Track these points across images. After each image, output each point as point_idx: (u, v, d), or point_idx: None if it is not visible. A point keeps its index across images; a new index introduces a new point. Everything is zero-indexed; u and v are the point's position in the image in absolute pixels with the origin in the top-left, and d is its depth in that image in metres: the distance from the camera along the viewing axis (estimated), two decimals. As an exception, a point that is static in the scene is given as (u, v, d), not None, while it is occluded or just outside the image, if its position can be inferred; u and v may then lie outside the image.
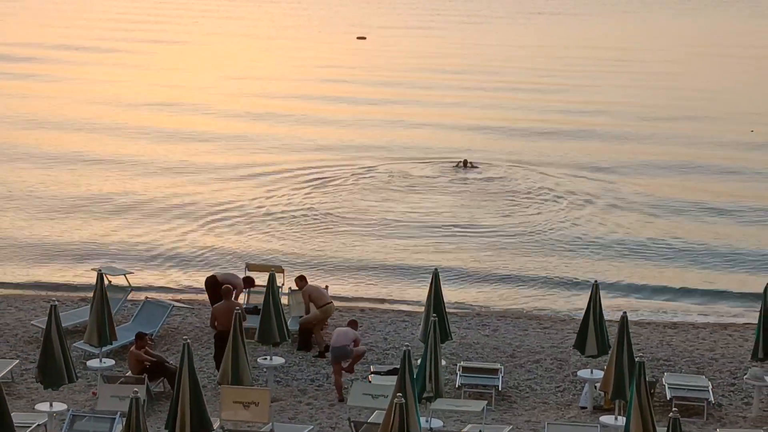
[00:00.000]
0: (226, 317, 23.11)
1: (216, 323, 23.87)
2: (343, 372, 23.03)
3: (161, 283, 31.62)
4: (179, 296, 29.80)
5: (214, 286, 26.85)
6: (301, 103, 59.69)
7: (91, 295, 23.73)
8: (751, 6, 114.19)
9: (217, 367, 23.95)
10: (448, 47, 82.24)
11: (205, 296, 27.74)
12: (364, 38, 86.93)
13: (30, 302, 29.06)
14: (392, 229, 36.91)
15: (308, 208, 39.07)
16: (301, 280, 26.07)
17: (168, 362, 23.15)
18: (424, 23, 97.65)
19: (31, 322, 26.49)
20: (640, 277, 32.53)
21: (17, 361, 24.19)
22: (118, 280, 27.92)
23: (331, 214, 38.47)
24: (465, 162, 45.48)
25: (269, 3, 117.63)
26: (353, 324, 23.80)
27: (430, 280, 23.20)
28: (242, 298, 27.60)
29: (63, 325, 20.87)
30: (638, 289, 31.62)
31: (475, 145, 48.63)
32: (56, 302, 20.95)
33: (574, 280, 31.88)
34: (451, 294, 28.48)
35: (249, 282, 27.03)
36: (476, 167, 44.96)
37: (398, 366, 18.27)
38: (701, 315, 29.78)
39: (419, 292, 28.99)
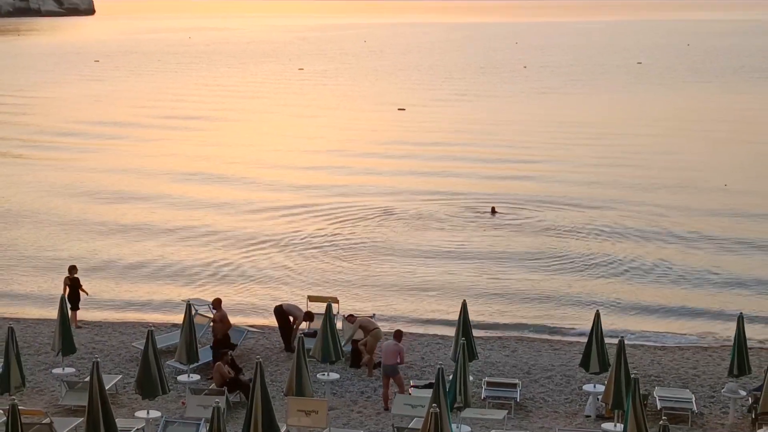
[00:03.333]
0: (223, 324, 24.98)
1: (215, 331, 25.33)
2: (391, 386, 22.97)
3: (238, 311, 31.71)
4: (253, 322, 29.88)
5: (280, 314, 26.99)
6: (350, 158, 59.99)
7: (181, 322, 23.90)
8: (722, 84, 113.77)
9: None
10: (474, 117, 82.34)
11: (274, 322, 27.83)
12: (403, 109, 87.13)
13: (131, 328, 29.29)
14: (427, 266, 36.91)
15: (354, 247, 39.20)
16: (351, 316, 26.07)
17: (244, 376, 23.20)
18: (454, 98, 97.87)
19: (132, 344, 26.69)
20: (636, 308, 32.34)
21: (120, 376, 24.36)
22: (203, 310, 28.06)
23: (375, 252, 38.61)
24: (493, 209, 45.37)
25: (324, 83, 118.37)
26: (398, 335, 23.61)
27: (459, 309, 23.16)
28: (303, 324, 27.69)
29: (158, 346, 21.00)
30: (634, 317, 31.43)
31: (502, 195, 48.55)
32: (153, 328, 21.11)
33: (580, 310, 31.71)
34: (477, 320, 28.40)
35: (309, 317, 27.08)
36: (503, 214, 44.85)
37: (434, 381, 18.22)
38: (686, 338, 29.55)
39: (450, 319, 28.89)
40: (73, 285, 28.75)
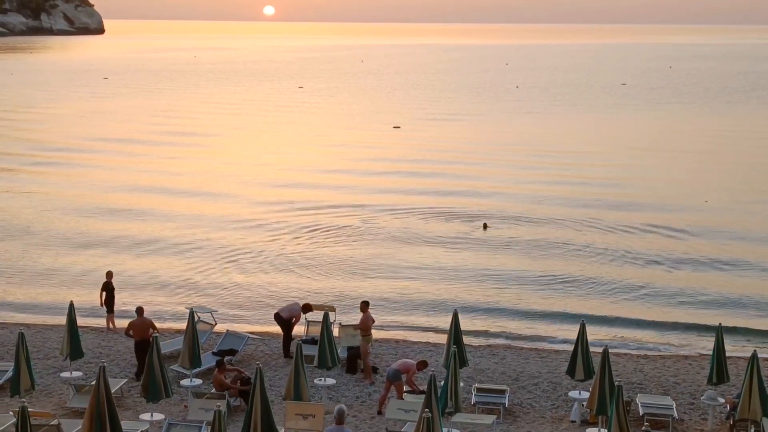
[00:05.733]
0: (140, 329, 24.51)
1: (132, 333, 24.90)
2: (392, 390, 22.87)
3: (239, 318, 31.70)
4: (254, 329, 29.83)
5: (281, 320, 26.90)
6: (347, 174, 59.96)
7: (184, 328, 23.84)
8: (703, 105, 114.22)
9: (138, 373, 24.29)
10: (467, 135, 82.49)
11: (275, 328, 27.79)
12: (398, 127, 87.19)
13: (136, 333, 29.18)
14: (420, 278, 36.87)
15: (349, 259, 39.19)
16: (365, 305, 25.72)
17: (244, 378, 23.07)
18: (447, 117, 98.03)
19: (137, 349, 26.59)
20: (619, 318, 32.32)
21: (126, 379, 24.29)
22: (206, 317, 28.00)
23: (369, 263, 38.61)
24: (485, 225, 45.37)
25: (323, 101, 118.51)
26: (422, 365, 23.29)
27: (451, 318, 23.13)
28: (302, 330, 27.68)
29: (162, 351, 20.94)
30: (618, 327, 31.41)
31: (493, 211, 48.50)
32: (157, 334, 21.03)
33: (566, 320, 31.68)
34: (467, 329, 28.36)
35: (307, 308, 27.18)
36: (495, 229, 44.82)
37: (426, 386, 18.18)
38: (667, 347, 29.54)
39: (442, 327, 28.88)
40: (108, 289, 29.07)
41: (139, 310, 25.35)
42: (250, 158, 68.32)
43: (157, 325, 30.02)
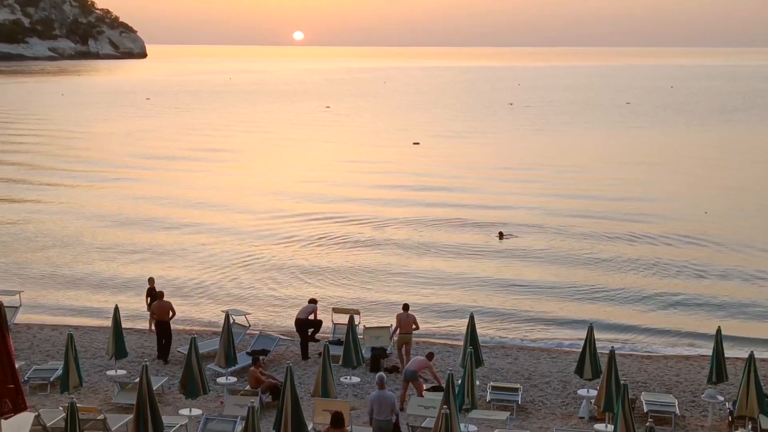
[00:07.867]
0: (160, 311, 26.00)
1: (155, 315, 26.22)
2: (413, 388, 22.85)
3: (271, 321, 31.76)
4: (285, 331, 29.88)
5: (301, 324, 26.89)
6: (370, 187, 59.94)
7: (220, 329, 23.91)
8: (703, 122, 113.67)
9: (158, 350, 25.97)
10: (482, 150, 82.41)
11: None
12: (418, 143, 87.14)
13: (176, 335, 29.16)
14: (439, 284, 36.82)
15: (371, 267, 39.18)
16: (404, 307, 25.81)
17: (276, 380, 23.15)
18: (464, 134, 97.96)
19: (177, 349, 26.71)
20: (624, 321, 32.16)
21: (166, 377, 24.39)
22: (240, 319, 28.08)
23: (390, 271, 38.58)
24: (500, 234, 45.22)
25: (349, 119, 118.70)
26: (430, 356, 23.50)
27: (467, 321, 23.10)
28: (328, 336, 27.67)
29: (200, 351, 21.01)
30: (623, 329, 31.25)
31: (509, 222, 48.33)
32: (195, 335, 21.13)
33: (575, 323, 31.56)
34: (483, 331, 28.32)
35: (313, 300, 27.58)
36: (509, 238, 44.69)
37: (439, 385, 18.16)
38: (669, 348, 29.39)
39: (459, 329, 28.83)
40: (152, 295, 29.11)
41: (161, 294, 26.82)
42: (281, 173, 68.52)
43: (195, 327, 30.32)
